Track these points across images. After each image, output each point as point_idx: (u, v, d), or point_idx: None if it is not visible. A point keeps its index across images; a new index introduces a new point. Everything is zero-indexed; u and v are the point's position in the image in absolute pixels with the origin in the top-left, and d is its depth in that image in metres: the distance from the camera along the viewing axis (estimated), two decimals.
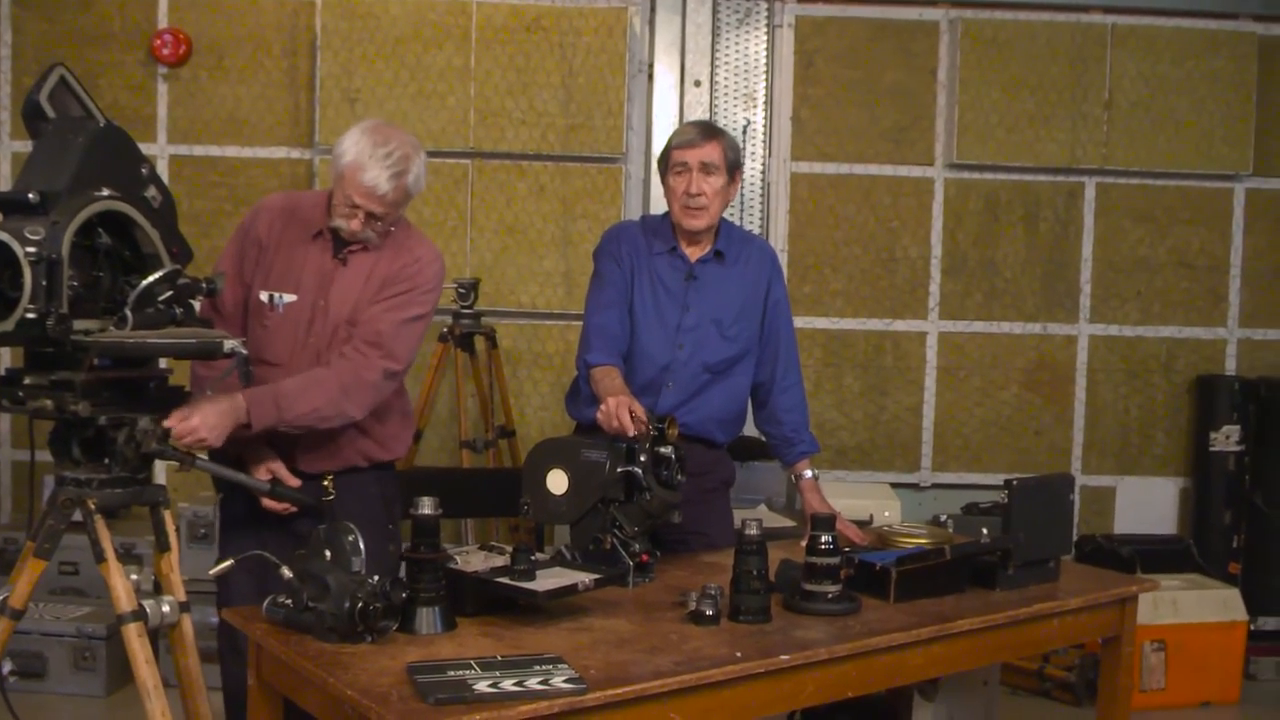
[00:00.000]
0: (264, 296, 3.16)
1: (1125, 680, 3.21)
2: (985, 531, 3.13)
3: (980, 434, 5.81)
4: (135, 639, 2.66)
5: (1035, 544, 3.07)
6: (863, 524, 3.64)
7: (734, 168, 3.39)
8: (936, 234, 5.75)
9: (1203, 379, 5.79)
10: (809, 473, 3.52)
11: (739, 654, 2.44)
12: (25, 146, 5.38)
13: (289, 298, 3.15)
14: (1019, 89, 5.64)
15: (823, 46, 5.68)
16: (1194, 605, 4.88)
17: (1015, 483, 3.10)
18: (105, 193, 2.66)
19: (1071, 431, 5.85)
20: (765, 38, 5.69)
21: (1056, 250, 5.79)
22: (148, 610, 2.72)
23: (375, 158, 3.03)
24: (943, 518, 5.27)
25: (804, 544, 2.84)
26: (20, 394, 2.65)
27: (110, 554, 2.69)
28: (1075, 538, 5.49)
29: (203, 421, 2.83)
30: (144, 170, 2.82)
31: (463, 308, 5.08)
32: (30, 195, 2.56)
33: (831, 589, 2.76)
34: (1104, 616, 3.15)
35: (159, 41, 5.51)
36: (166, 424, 2.76)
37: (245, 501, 3.16)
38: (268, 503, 3.08)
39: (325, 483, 3.15)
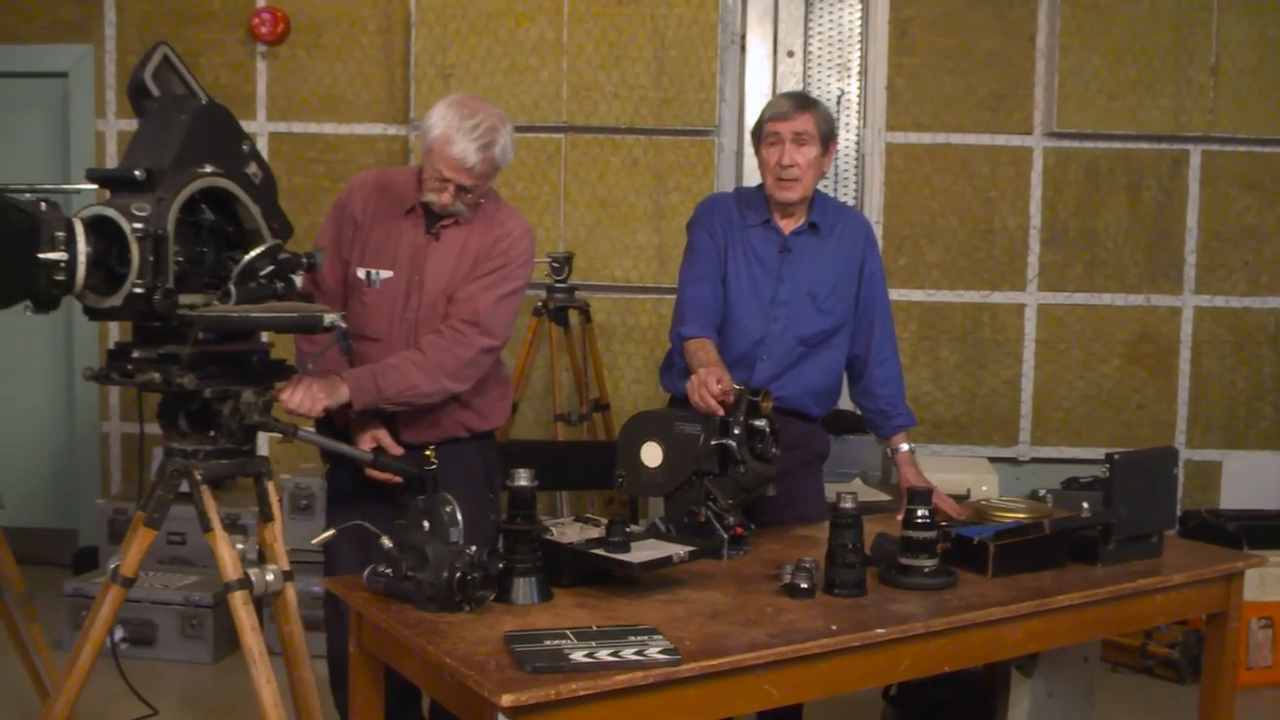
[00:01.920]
0: (361, 273, 3.21)
1: (1231, 657, 3.15)
2: (1085, 506, 3.07)
3: (1081, 407, 5.72)
4: (240, 607, 2.72)
5: (1137, 519, 3.02)
6: (959, 498, 3.60)
7: (828, 138, 3.35)
8: (1035, 204, 5.65)
9: None
10: (905, 446, 3.48)
11: (834, 627, 2.43)
12: (131, 125, 5.51)
13: (385, 274, 3.20)
14: (1121, 54, 5.50)
15: (918, 14, 5.59)
16: None
17: (1117, 456, 3.04)
18: (208, 169, 2.71)
19: (1175, 405, 5.72)
20: (859, 6, 5.62)
21: (1160, 220, 5.66)
22: (252, 579, 2.78)
23: (462, 130, 3.06)
24: (1041, 492, 5.18)
25: (900, 518, 2.82)
26: (129, 367, 2.71)
27: (216, 523, 2.75)
28: (1179, 513, 5.38)
29: (306, 394, 2.91)
30: (245, 147, 2.87)
31: (556, 282, 5.10)
32: (136, 172, 2.62)
33: (928, 563, 2.73)
34: (1209, 592, 3.08)
35: (258, 20, 5.60)
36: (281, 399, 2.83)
37: (352, 473, 3.21)
38: (371, 472, 3.13)
39: (427, 452, 3.19)
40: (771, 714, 3.25)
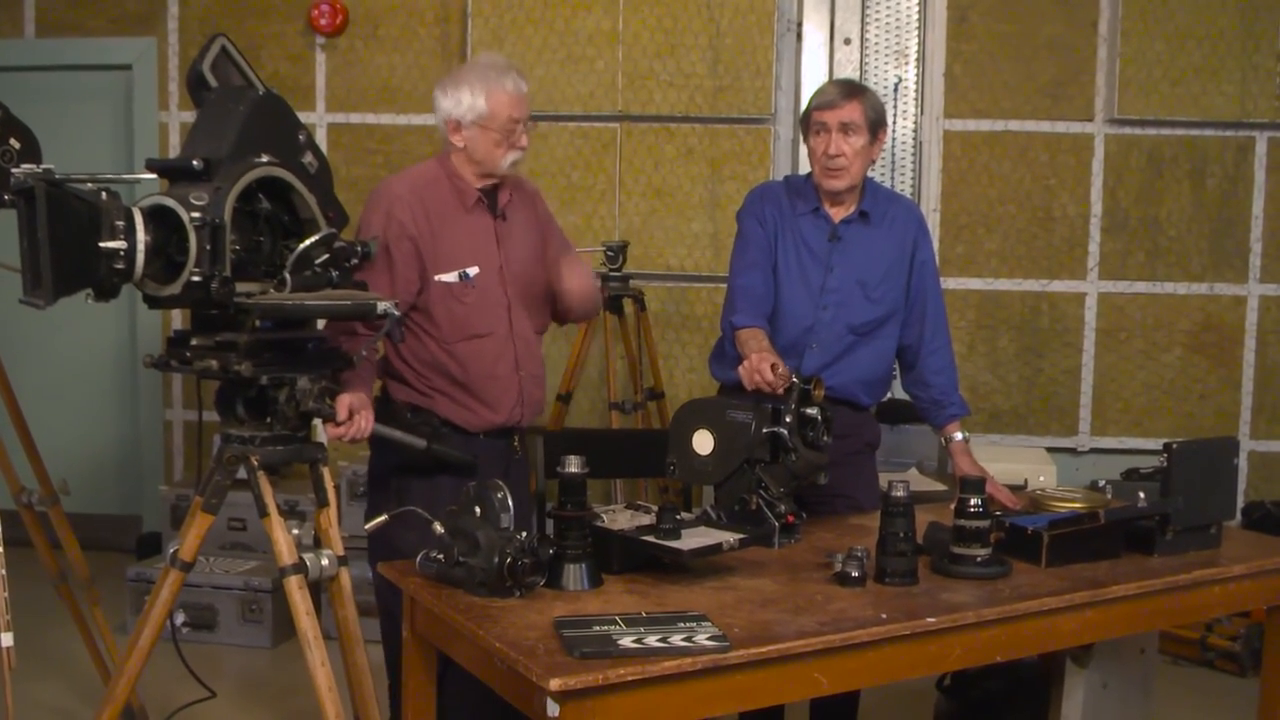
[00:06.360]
0: (451, 277, 3.18)
1: None
2: (1142, 496, 3.04)
3: (1142, 397, 5.64)
4: (295, 591, 2.76)
5: (1195, 509, 2.97)
6: (1017, 489, 3.57)
7: (876, 126, 3.31)
8: (1096, 191, 5.58)
9: None
10: (959, 435, 3.46)
11: (884, 615, 2.42)
12: (193, 116, 5.58)
13: (473, 270, 3.20)
14: (1185, 40, 5.42)
15: (977, 0, 5.54)
16: None
17: (1175, 446, 3.00)
18: (265, 159, 2.74)
19: (1239, 395, 5.64)
20: None
21: (1225, 208, 5.57)
22: (307, 563, 2.81)
23: (494, 75, 3.15)
24: (1101, 483, 5.14)
25: (953, 507, 2.80)
26: (188, 355, 2.76)
27: (272, 509, 2.78)
28: (1243, 504, 5.31)
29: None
30: (301, 137, 2.90)
31: (611, 270, 5.11)
32: (195, 162, 2.67)
33: (980, 552, 2.71)
34: (1271, 584, 3.02)
35: (317, 12, 5.65)
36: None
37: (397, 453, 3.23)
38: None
39: (515, 443, 3.32)
40: (826, 703, 3.24)
